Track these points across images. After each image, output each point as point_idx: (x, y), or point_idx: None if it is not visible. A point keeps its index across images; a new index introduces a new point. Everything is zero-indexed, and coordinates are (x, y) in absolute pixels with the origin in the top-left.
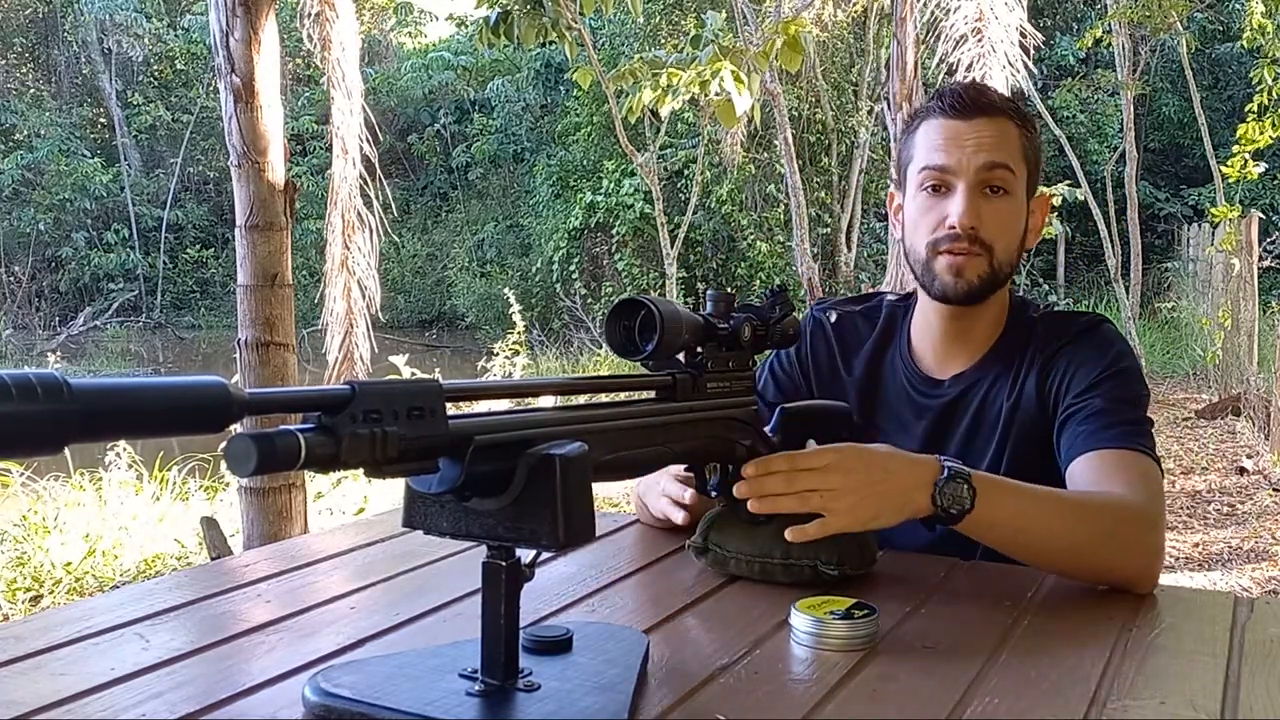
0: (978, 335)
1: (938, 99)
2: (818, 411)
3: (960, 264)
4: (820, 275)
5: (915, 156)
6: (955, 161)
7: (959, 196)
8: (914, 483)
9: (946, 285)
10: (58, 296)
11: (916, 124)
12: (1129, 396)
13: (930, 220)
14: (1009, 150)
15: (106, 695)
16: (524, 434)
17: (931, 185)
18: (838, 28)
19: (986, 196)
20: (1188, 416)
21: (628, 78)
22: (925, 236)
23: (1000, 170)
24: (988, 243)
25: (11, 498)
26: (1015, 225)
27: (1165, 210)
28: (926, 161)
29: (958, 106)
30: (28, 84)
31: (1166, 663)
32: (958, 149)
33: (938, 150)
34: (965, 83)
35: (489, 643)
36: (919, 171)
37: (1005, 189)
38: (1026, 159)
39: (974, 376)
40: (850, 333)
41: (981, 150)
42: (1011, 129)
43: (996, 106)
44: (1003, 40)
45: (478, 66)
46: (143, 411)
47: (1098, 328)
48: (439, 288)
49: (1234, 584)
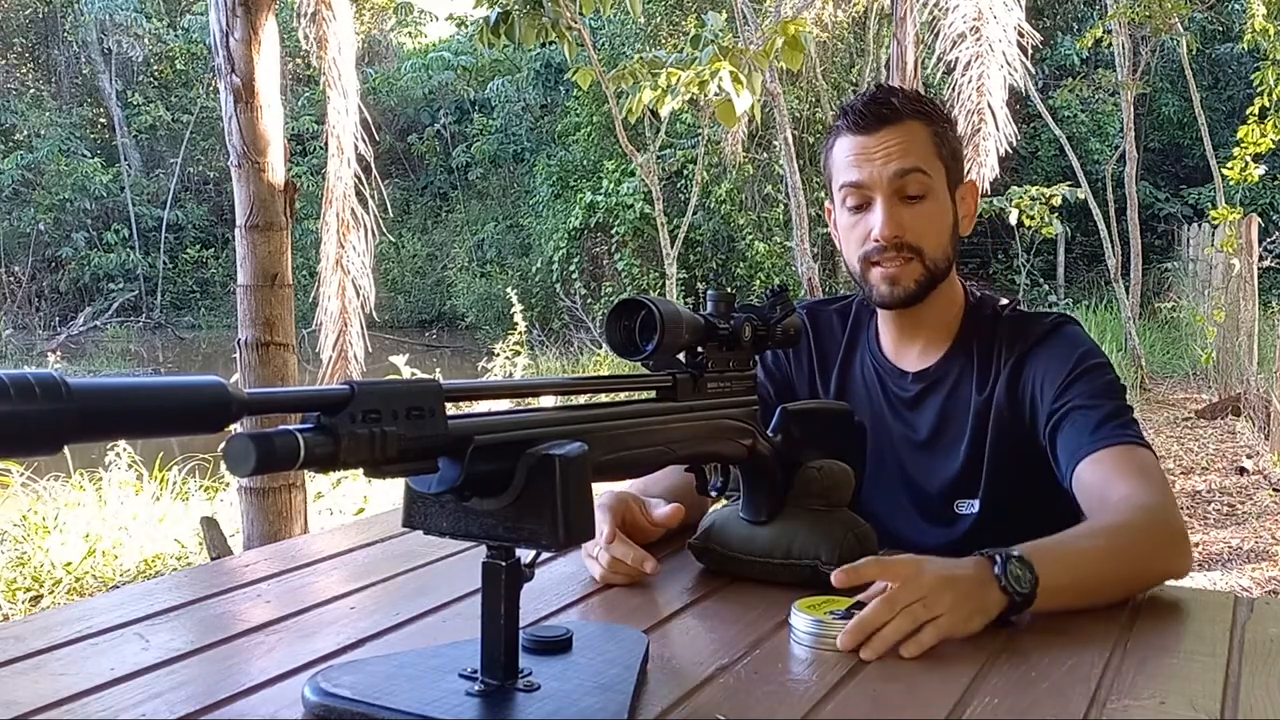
0: (930, 324)
1: (844, 115)
2: (818, 412)
3: (894, 274)
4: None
5: (834, 174)
6: (868, 176)
7: (878, 210)
8: (979, 580)
9: (884, 295)
10: (58, 296)
11: (831, 140)
12: (1105, 390)
13: (857, 235)
14: (920, 153)
15: (106, 695)
16: (524, 434)
17: (853, 204)
18: (838, 28)
19: (906, 203)
20: (1188, 416)
21: (628, 78)
22: (855, 251)
23: (913, 175)
24: (916, 246)
25: (11, 498)
26: (940, 224)
27: (1165, 210)
28: (843, 179)
29: (861, 122)
30: (28, 84)
31: (1166, 663)
32: (868, 163)
33: (851, 167)
34: (870, 93)
35: (489, 643)
36: (838, 190)
37: (922, 194)
38: (941, 155)
39: (939, 372)
40: (827, 331)
41: (891, 160)
42: (919, 130)
43: (901, 112)
44: (1001, 39)
45: (478, 66)
46: (142, 411)
47: (1059, 330)
48: (439, 288)
49: (1234, 584)
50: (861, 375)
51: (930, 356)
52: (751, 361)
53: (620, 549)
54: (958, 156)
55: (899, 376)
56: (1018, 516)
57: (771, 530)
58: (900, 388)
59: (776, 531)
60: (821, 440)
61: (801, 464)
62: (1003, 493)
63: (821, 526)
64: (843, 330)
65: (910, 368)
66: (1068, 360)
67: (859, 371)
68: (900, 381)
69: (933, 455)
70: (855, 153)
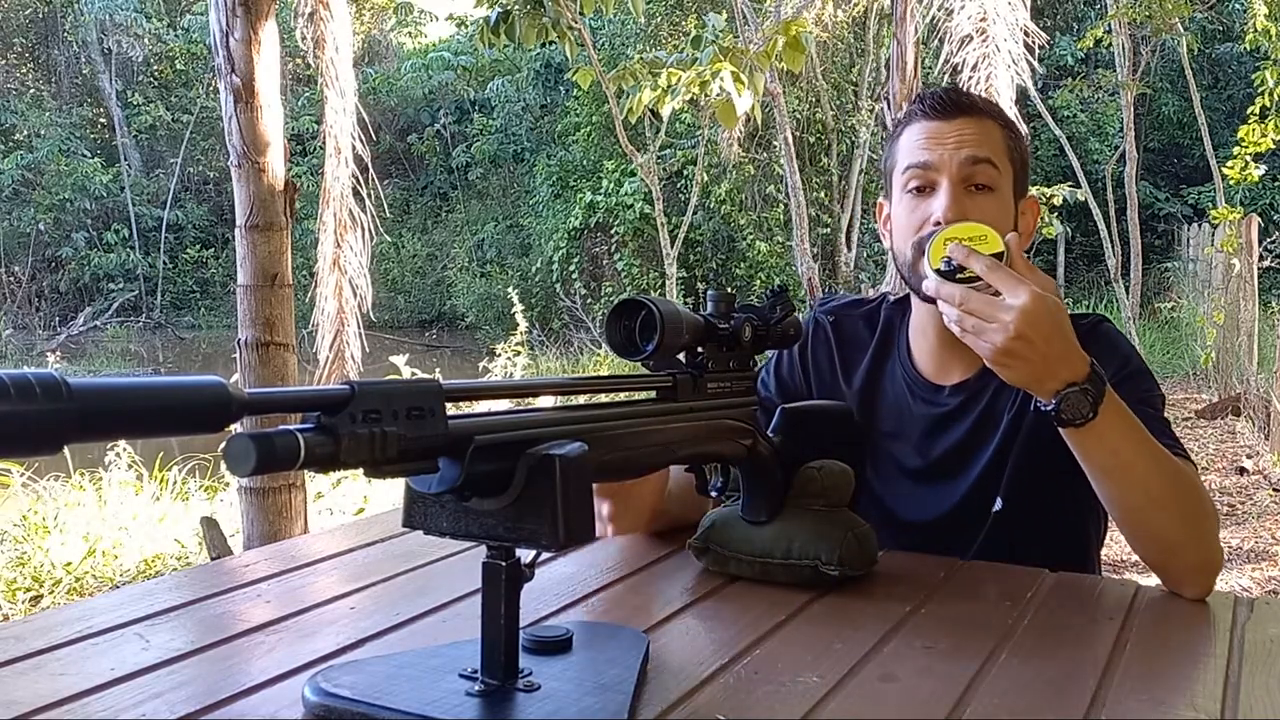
0: None
1: (919, 102)
2: (819, 412)
3: None
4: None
5: (899, 160)
6: (937, 158)
7: (943, 193)
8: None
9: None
10: (58, 296)
11: (900, 130)
12: (1148, 399)
13: (915, 219)
14: (992, 147)
15: (106, 695)
16: (524, 434)
17: (915, 186)
18: (838, 28)
19: (971, 194)
20: (1188, 416)
21: (628, 78)
22: (910, 236)
23: (984, 165)
24: None
25: (11, 498)
26: (1003, 224)
27: (1165, 210)
28: (909, 160)
29: (939, 107)
30: (28, 84)
31: (1166, 663)
32: (939, 146)
33: (920, 149)
34: (947, 86)
35: (489, 643)
36: (903, 172)
37: (990, 186)
38: (1012, 159)
39: (976, 386)
40: (851, 337)
41: (964, 146)
42: (995, 128)
43: (978, 107)
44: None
45: (478, 66)
46: (142, 411)
47: (1099, 329)
48: (439, 288)
49: (1234, 584)
50: (890, 387)
51: (968, 367)
52: (751, 361)
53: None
54: (1025, 166)
55: (933, 392)
56: (1039, 511)
57: (771, 530)
58: (934, 403)
59: (776, 531)
60: (821, 440)
61: (801, 464)
62: (1027, 491)
63: (822, 527)
64: (870, 335)
65: (946, 380)
66: (1109, 365)
67: (888, 383)
68: (935, 396)
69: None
70: (927, 135)
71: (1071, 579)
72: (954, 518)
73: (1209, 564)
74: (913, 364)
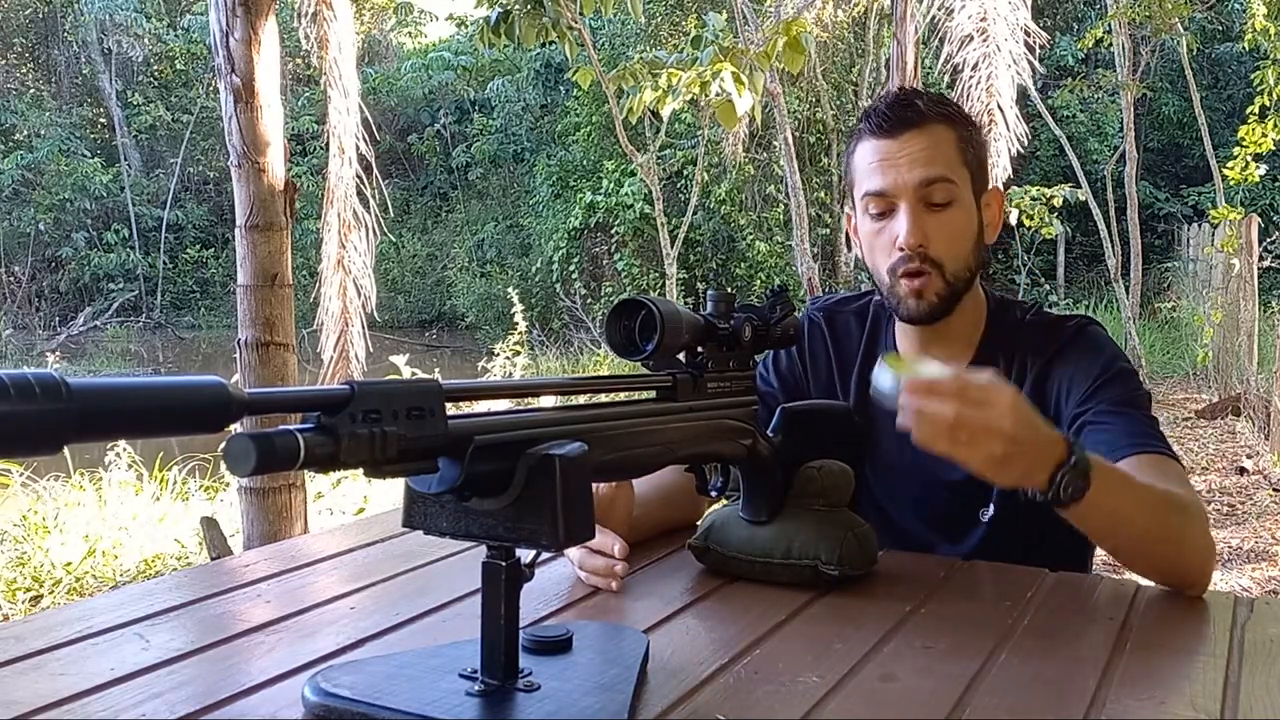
0: (955, 336)
1: (866, 119)
2: (819, 411)
3: (918, 287)
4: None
5: (856, 180)
6: (891, 183)
7: (902, 217)
8: (1045, 460)
9: (910, 309)
10: (58, 296)
11: (853, 145)
12: (1133, 399)
13: (883, 243)
14: (945, 159)
15: (106, 695)
16: (524, 434)
17: (875, 211)
18: (838, 28)
19: (932, 211)
20: (1188, 416)
21: (628, 78)
22: (883, 261)
23: (939, 184)
24: (936, 260)
25: (11, 498)
26: (965, 233)
27: (1165, 210)
28: (866, 187)
29: (885, 125)
30: (28, 84)
31: (1166, 663)
32: (893, 169)
33: (874, 174)
34: (893, 95)
35: (489, 643)
36: (861, 197)
37: (949, 201)
38: (966, 161)
39: None
40: (844, 334)
41: (916, 167)
42: (945, 134)
43: (926, 115)
44: (1007, 40)
45: (478, 66)
46: (142, 411)
47: (1085, 331)
48: (439, 288)
49: (1234, 584)
50: None
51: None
52: (751, 361)
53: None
54: (982, 162)
55: None
56: (1030, 520)
57: (771, 530)
58: None
59: (776, 532)
60: (821, 440)
61: (801, 464)
62: (1016, 497)
63: (822, 527)
64: (860, 332)
65: None
66: (1093, 365)
67: None
68: None
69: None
70: (879, 158)
71: (1071, 579)
72: (945, 520)
73: (1205, 566)
74: None
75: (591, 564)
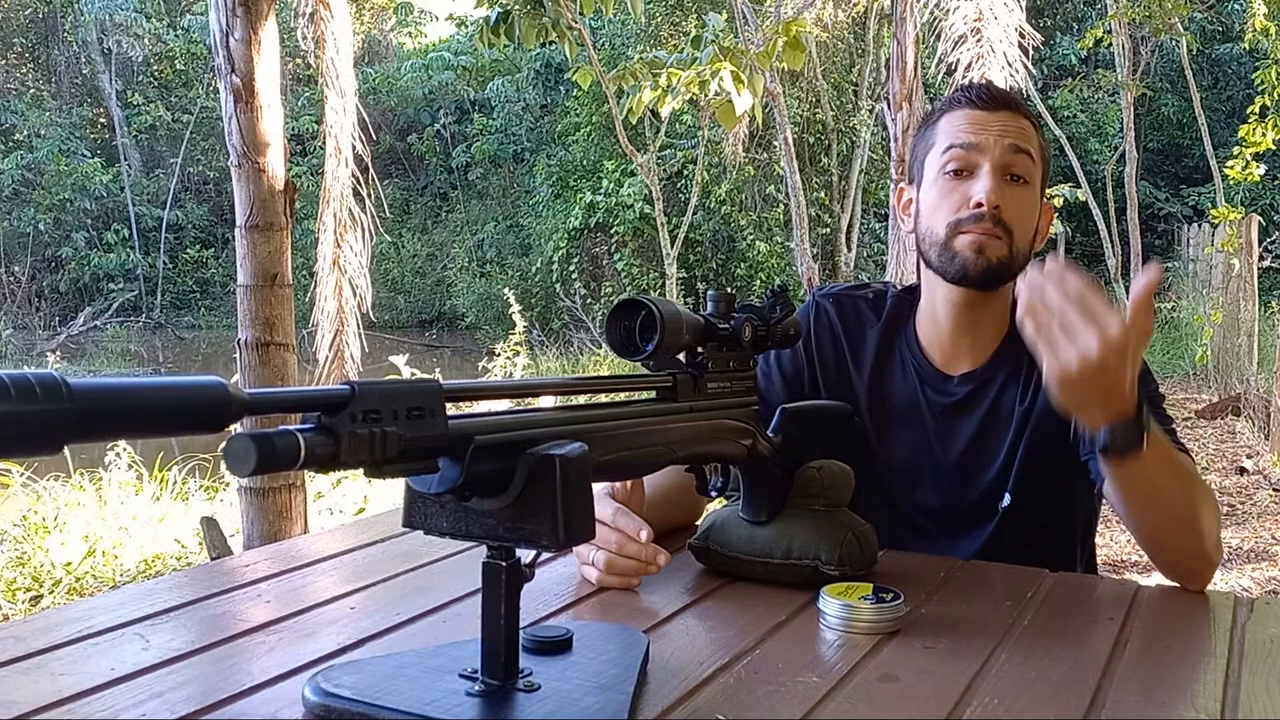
0: (987, 327)
1: (963, 91)
2: (819, 411)
3: (982, 242)
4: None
5: (937, 142)
6: (982, 141)
7: (984, 177)
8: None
9: (967, 261)
10: (58, 296)
11: (938, 115)
12: (1153, 397)
13: (953, 201)
14: (1030, 142)
15: (106, 695)
16: (524, 434)
17: (955, 169)
18: (838, 28)
19: (1008, 182)
20: (1188, 416)
21: (628, 78)
22: (946, 217)
23: (1023, 156)
24: (1009, 226)
25: (11, 498)
26: (1032, 216)
27: (1165, 210)
28: (952, 140)
29: (984, 98)
30: (28, 84)
31: (1166, 663)
32: (984, 131)
33: (964, 132)
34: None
35: (489, 643)
36: (943, 152)
37: (1026, 178)
38: (1043, 157)
39: (984, 376)
40: (854, 319)
41: (1007, 135)
42: (1031, 127)
43: (1019, 105)
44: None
45: (478, 66)
46: (142, 411)
47: None
48: (439, 288)
49: (1234, 584)
50: (901, 374)
51: (978, 357)
52: (751, 361)
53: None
54: (1047, 172)
55: (942, 381)
56: (1046, 509)
57: (771, 531)
58: (944, 393)
59: (776, 532)
60: (821, 440)
61: (801, 464)
62: (1034, 488)
63: (822, 527)
64: (877, 321)
65: (954, 370)
66: None
67: (898, 372)
68: (944, 386)
69: (975, 459)
70: (971, 121)
71: (1071, 579)
72: (963, 511)
73: (1214, 558)
74: (922, 352)
75: (622, 565)
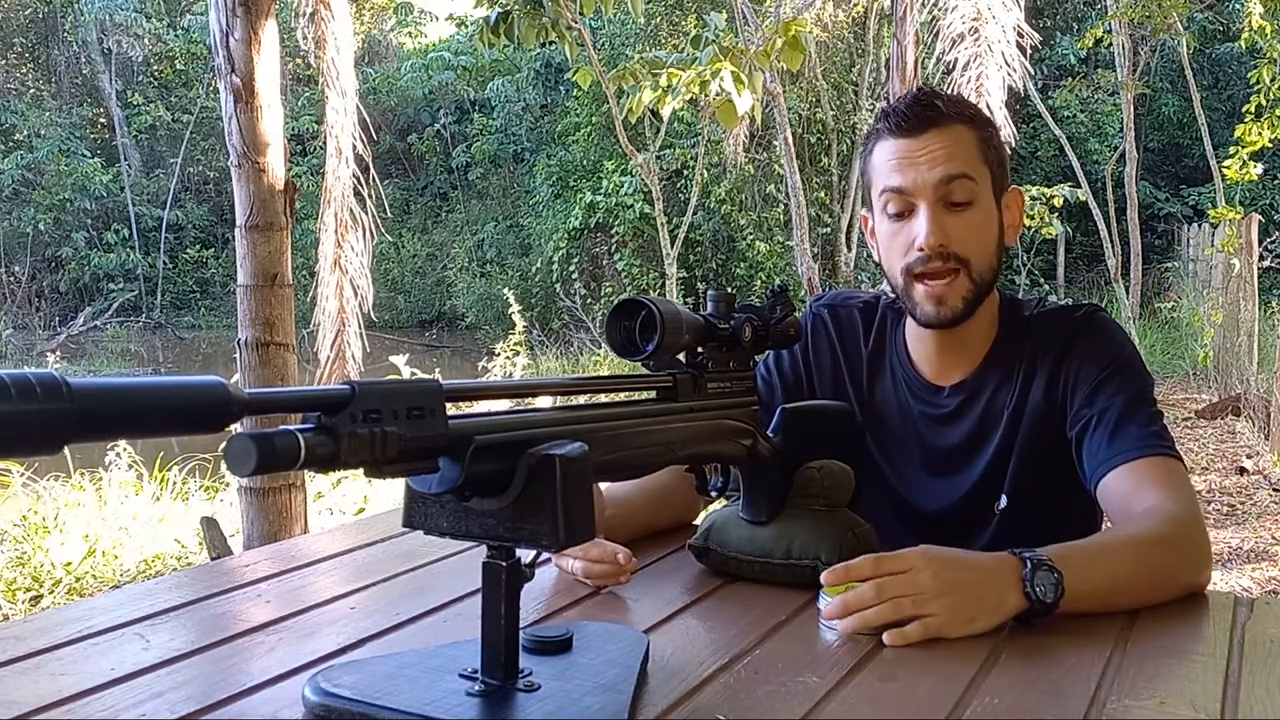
0: (972, 342)
1: (885, 118)
2: (819, 412)
3: (940, 293)
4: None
5: (874, 180)
6: (911, 182)
7: (922, 217)
8: (1003, 582)
9: (929, 315)
10: (58, 296)
11: (871, 144)
12: (1137, 393)
13: (900, 244)
14: (965, 158)
15: (106, 695)
16: (524, 434)
17: (894, 212)
18: (838, 28)
19: (952, 211)
20: (1188, 416)
21: (628, 78)
22: (899, 261)
23: (959, 181)
24: (962, 257)
25: (11, 498)
26: (987, 233)
27: (1165, 210)
28: (885, 184)
29: (904, 124)
30: (28, 84)
31: (1166, 663)
32: (912, 168)
33: (893, 172)
34: (913, 94)
35: (489, 643)
36: (878, 196)
37: (968, 200)
38: (987, 160)
39: (974, 386)
40: (849, 329)
41: (936, 165)
42: (965, 134)
43: (946, 115)
44: (1000, 40)
45: (478, 66)
46: (142, 411)
47: (1093, 320)
48: (439, 288)
49: (1234, 584)
50: (892, 386)
51: (966, 367)
52: (751, 362)
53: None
54: (1003, 162)
55: (933, 393)
56: (1043, 509)
57: (771, 530)
58: (933, 404)
59: (776, 532)
60: (821, 440)
61: (801, 464)
62: (1029, 488)
63: (822, 527)
64: (868, 330)
65: (945, 381)
66: (1100, 358)
67: (888, 381)
68: (935, 398)
69: (970, 464)
70: (898, 156)
71: None
72: (960, 514)
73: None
74: (912, 365)
75: (600, 570)
